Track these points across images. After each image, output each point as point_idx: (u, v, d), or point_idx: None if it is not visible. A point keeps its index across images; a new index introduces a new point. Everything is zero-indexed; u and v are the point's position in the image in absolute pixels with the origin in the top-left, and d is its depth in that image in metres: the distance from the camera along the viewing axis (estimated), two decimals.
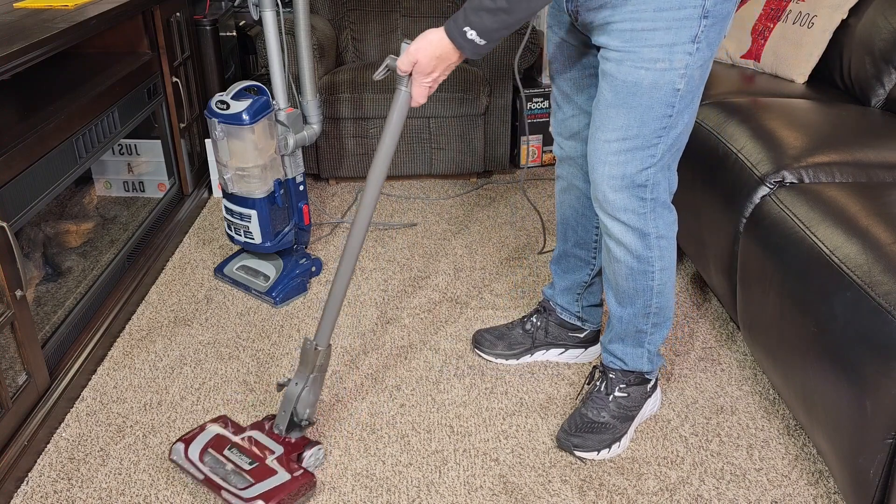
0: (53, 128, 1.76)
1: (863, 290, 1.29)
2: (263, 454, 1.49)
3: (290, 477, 1.44)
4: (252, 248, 2.15)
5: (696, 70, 1.33)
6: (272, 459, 1.48)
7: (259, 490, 1.40)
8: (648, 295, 1.53)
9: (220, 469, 1.46)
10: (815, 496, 1.50)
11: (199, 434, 1.55)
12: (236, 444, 1.52)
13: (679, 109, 1.35)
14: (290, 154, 2.10)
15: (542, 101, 3.01)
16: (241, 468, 1.46)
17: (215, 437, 1.54)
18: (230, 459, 1.48)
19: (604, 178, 1.42)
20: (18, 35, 1.64)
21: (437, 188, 2.93)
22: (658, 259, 1.49)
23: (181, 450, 1.52)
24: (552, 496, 1.51)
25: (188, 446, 1.52)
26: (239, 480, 1.43)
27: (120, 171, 2.56)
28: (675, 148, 1.42)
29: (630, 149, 1.38)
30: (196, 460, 1.49)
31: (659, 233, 1.47)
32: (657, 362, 1.65)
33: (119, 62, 2.27)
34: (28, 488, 1.53)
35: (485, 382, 1.83)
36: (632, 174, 1.40)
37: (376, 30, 3.09)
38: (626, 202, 1.42)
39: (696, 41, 1.29)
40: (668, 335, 1.65)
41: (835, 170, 1.69)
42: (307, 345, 1.51)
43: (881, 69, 2.12)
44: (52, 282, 2.08)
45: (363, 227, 1.44)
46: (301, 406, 1.52)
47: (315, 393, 1.53)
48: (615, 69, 1.34)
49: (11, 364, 1.60)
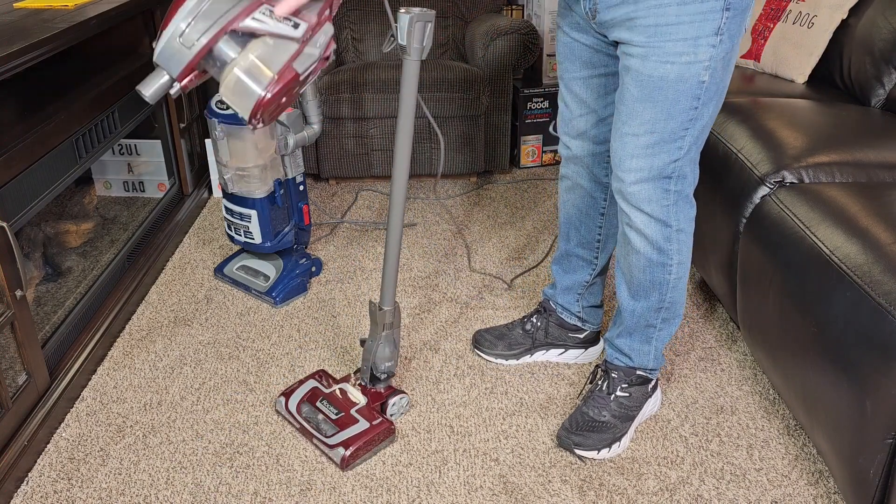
0: (53, 128, 1.76)
1: (863, 290, 1.29)
2: (349, 405, 1.66)
3: (369, 425, 1.60)
4: (252, 248, 2.15)
5: (720, 62, 1.34)
6: (355, 410, 1.64)
7: (341, 437, 1.58)
8: (664, 289, 1.54)
9: (313, 418, 1.65)
10: (815, 496, 1.50)
11: (298, 388, 1.72)
12: (327, 396, 1.69)
13: (704, 101, 1.37)
14: (290, 154, 2.10)
15: (541, 100, 3.01)
16: (330, 417, 1.64)
17: (311, 390, 1.72)
18: (321, 410, 1.66)
19: (631, 170, 1.43)
20: (18, 35, 1.64)
21: (437, 188, 2.93)
22: (676, 252, 1.50)
23: (283, 402, 1.70)
24: (552, 496, 1.51)
25: (288, 399, 1.70)
26: (327, 428, 1.61)
27: (120, 171, 2.56)
28: (701, 140, 1.44)
29: (658, 142, 1.39)
30: (294, 411, 1.67)
31: (680, 226, 1.48)
32: (661, 361, 1.66)
33: (119, 62, 2.27)
34: (28, 488, 1.53)
35: (485, 382, 1.83)
36: (660, 167, 1.41)
37: (376, 30, 3.09)
38: (652, 193, 1.44)
39: (720, 33, 1.30)
40: (675, 332, 1.64)
41: (835, 170, 1.69)
42: (372, 307, 1.63)
43: (881, 69, 2.12)
44: (52, 282, 2.08)
45: (403, 185, 1.51)
46: (378, 360, 1.65)
47: (391, 347, 1.66)
48: (640, 64, 1.34)
49: (11, 364, 1.60)
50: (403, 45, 1.36)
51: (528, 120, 3.03)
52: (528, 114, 3.02)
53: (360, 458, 1.58)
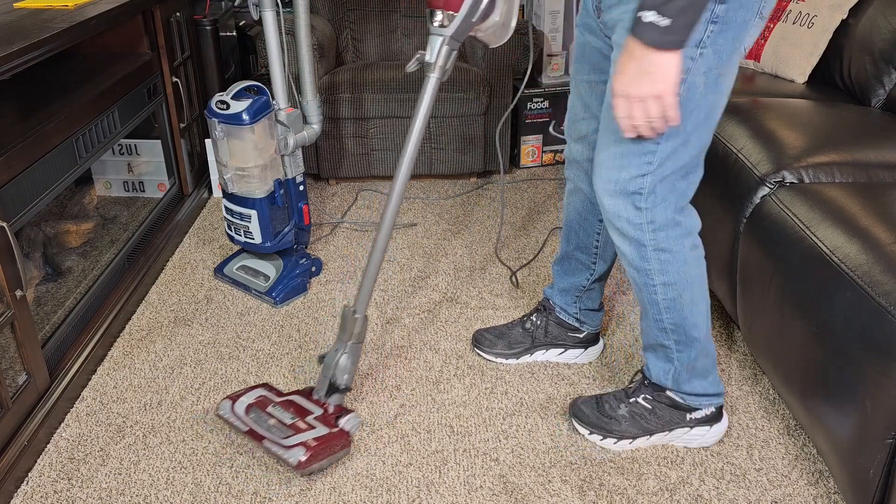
0: (53, 128, 1.76)
1: (863, 290, 1.29)
2: (303, 412, 1.60)
3: (328, 431, 1.54)
4: (252, 248, 2.15)
5: (700, 77, 1.26)
6: (312, 418, 1.59)
7: (299, 439, 1.51)
8: (656, 309, 1.49)
9: (263, 423, 1.57)
10: (815, 496, 1.50)
11: (245, 394, 1.67)
12: (279, 404, 1.63)
13: (680, 117, 1.29)
14: (290, 154, 2.10)
15: (541, 100, 3.01)
16: (283, 422, 1.57)
17: (260, 397, 1.66)
18: (273, 415, 1.59)
19: (600, 180, 1.40)
20: (18, 35, 1.64)
21: (437, 188, 2.93)
22: (659, 273, 1.44)
23: (228, 405, 1.63)
24: (552, 496, 1.51)
25: (234, 402, 1.64)
26: (280, 432, 1.54)
27: (120, 171, 2.56)
28: (681, 162, 1.34)
29: (625, 153, 1.35)
30: (241, 414, 1.61)
31: (658, 245, 1.41)
32: (695, 388, 1.56)
33: (119, 62, 2.27)
34: (28, 488, 1.53)
35: (485, 382, 1.83)
36: (625, 180, 1.36)
37: (376, 30, 3.09)
38: (621, 209, 1.39)
39: (701, 46, 1.24)
40: (703, 362, 1.53)
41: (835, 170, 1.69)
42: (346, 312, 1.60)
43: (881, 69, 2.12)
44: (52, 282, 2.08)
45: (399, 194, 1.53)
46: (339, 372, 1.61)
47: (353, 360, 1.62)
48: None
49: (11, 364, 1.60)
50: (430, 62, 1.44)
51: (528, 120, 3.03)
52: (528, 114, 3.02)
53: (317, 463, 1.49)
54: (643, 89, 1.19)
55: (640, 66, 1.18)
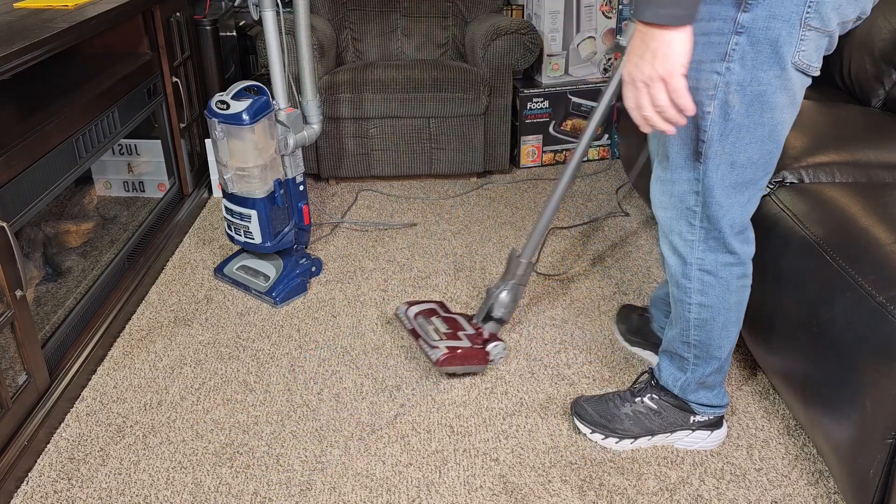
0: (53, 128, 1.76)
1: (863, 290, 1.29)
2: (458, 328, 1.86)
3: (471, 346, 1.79)
4: (252, 248, 2.15)
5: (734, 95, 1.20)
6: (463, 334, 1.83)
7: (445, 344, 1.77)
8: (685, 324, 1.48)
9: (423, 327, 1.86)
10: (815, 496, 1.50)
11: (420, 303, 1.96)
12: (442, 318, 1.90)
13: (715, 136, 1.24)
14: (290, 154, 2.10)
15: (541, 100, 3.01)
16: (439, 330, 1.85)
17: (430, 308, 1.94)
18: (433, 324, 1.87)
19: (655, 194, 1.41)
20: (18, 35, 1.64)
21: (437, 188, 2.93)
22: (697, 293, 1.42)
23: (404, 308, 1.94)
24: (552, 496, 1.51)
25: (409, 307, 1.94)
26: (434, 336, 1.81)
27: (120, 171, 2.56)
28: (727, 182, 1.29)
29: (675, 167, 1.33)
30: (411, 317, 1.91)
31: (703, 266, 1.39)
32: (695, 397, 1.56)
33: (119, 62, 2.27)
34: (28, 488, 1.53)
35: (485, 382, 1.83)
36: (680, 194, 1.35)
37: (376, 30, 3.09)
38: (673, 223, 1.38)
39: (728, 60, 1.18)
40: (714, 378, 1.53)
41: (835, 170, 1.69)
42: (512, 254, 1.80)
43: (881, 69, 2.12)
44: (52, 282, 2.08)
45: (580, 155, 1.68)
46: (497, 305, 1.82)
47: (511, 297, 1.82)
48: None
49: (11, 364, 1.60)
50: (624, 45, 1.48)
51: (528, 120, 3.03)
52: (528, 114, 3.02)
53: (452, 365, 1.75)
54: (646, 70, 1.10)
55: (644, 44, 1.09)
